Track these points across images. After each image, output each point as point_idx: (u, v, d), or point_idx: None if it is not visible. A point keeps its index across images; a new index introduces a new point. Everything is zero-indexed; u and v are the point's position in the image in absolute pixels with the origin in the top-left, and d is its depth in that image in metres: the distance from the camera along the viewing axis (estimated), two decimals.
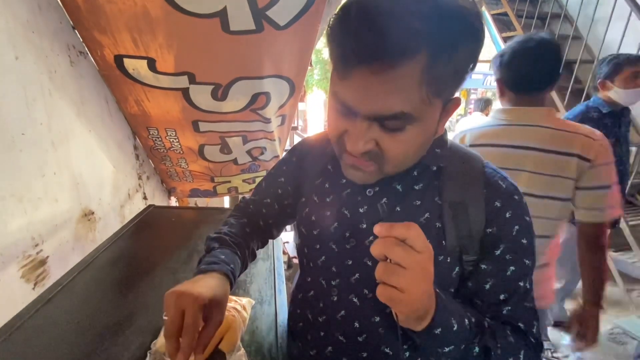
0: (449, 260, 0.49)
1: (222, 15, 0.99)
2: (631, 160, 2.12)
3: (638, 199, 2.63)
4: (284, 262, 2.82)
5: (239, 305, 0.66)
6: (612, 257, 2.44)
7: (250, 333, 0.65)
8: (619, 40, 2.34)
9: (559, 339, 2.11)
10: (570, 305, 2.32)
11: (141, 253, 0.96)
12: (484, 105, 3.54)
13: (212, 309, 0.48)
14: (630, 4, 2.22)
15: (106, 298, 0.75)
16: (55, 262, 0.97)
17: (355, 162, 0.46)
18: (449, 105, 0.45)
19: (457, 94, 0.45)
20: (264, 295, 0.78)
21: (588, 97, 2.62)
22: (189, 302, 0.45)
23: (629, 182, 1.90)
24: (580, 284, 2.17)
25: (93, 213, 1.18)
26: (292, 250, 2.46)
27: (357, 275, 0.54)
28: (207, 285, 0.49)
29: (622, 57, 1.63)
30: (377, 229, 0.37)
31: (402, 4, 0.37)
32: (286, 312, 0.72)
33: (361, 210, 0.54)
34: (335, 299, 0.56)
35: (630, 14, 2.25)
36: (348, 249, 0.55)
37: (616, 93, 1.64)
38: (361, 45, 0.37)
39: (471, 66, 0.42)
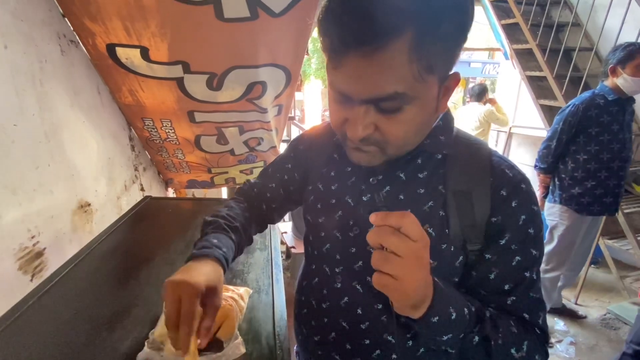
0: (452, 249, 0.49)
1: (215, 2, 0.97)
2: None
3: (634, 187, 2.64)
4: (283, 252, 2.83)
5: (237, 295, 0.66)
6: (607, 244, 2.47)
7: (247, 322, 0.66)
8: (619, 28, 2.31)
9: (553, 325, 2.15)
10: (566, 293, 2.36)
11: (138, 244, 0.96)
12: (478, 94, 3.34)
13: (209, 294, 0.49)
14: None
15: (104, 289, 0.75)
16: (53, 253, 0.97)
17: (358, 146, 0.47)
18: (448, 81, 0.45)
19: (454, 70, 0.45)
20: (261, 284, 0.78)
21: (587, 85, 2.61)
22: (186, 291, 0.46)
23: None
24: (580, 273, 2.19)
25: (89, 204, 1.17)
26: (290, 240, 2.47)
27: (360, 262, 0.55)
28: (201, 272, 0.49)
29: (637, 45, 1.65)
30: (373, 217, 0.38)
31: None
32: (284, 301, 0.73)
33: (364, 199, 0.55)
34: (339, 286, 0.57)
35: (630, 1, 2.21)
36: (352, 237, 0.55)
37: (624, 80, 1.66)
38: (346, 33, 0.38)
39: (461, 40, 0.42)
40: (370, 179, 0.54)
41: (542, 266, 1.99)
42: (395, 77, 0.39)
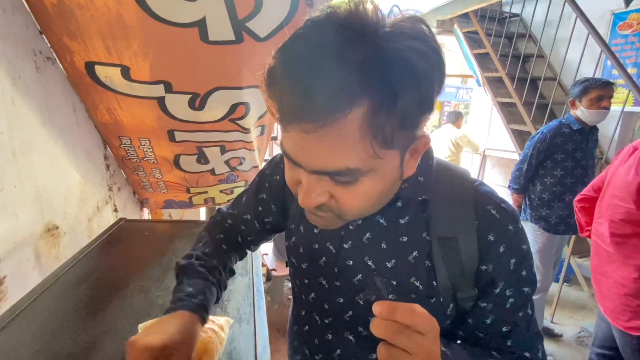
0: (441, 300, 0.47)
1: (200, 25, 0.97)
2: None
3: None
4: (263, 275, 2.75)
5: (216, 326, 0.63)
6: (577, 263, 2.56)
7: (228, 354, 0.62)
8: (579, 60, 2.51)
9: None
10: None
11: (110, 271, 0.91)
12: (455, 117, 3.67)
13: (173, 352, 0.45)
14: (587, 27, 2.40)
15: (70, 322, 0.69)
16: (14, 282, 0.90)
17: (312, 211, 0.43)
18: (416, 145, 0.40)
19: (423, 132, 0.39)
20: (242, 313, 0.75)
21: (552, 112, 2.79)
22: (133, 354, 0.44)
23: None
24: (551, 289, 2.25)
25: (57, 227, 1.10)
26: (270, 262, 2.41)
27: (350, 312, 0.52)
28: (162, 330, 0.46)
29: (591, 81, 1.80)
30: (377, 309, 0.34)
31: (327, 55, 0.32)
32: (266, 330, 0.70)
33: (346, 247, 0.51)
34: (330, 337, 0.55)
35: (587, 36, 2.42)
36: (338, 286, 0.52)
37: (581, 112, 1.83)
38: (287, 107, 0.34)
39: (426, 110, 0.37)
40: (350, 225, 0.50)
41: None
42: (345, 154, 0.35)
